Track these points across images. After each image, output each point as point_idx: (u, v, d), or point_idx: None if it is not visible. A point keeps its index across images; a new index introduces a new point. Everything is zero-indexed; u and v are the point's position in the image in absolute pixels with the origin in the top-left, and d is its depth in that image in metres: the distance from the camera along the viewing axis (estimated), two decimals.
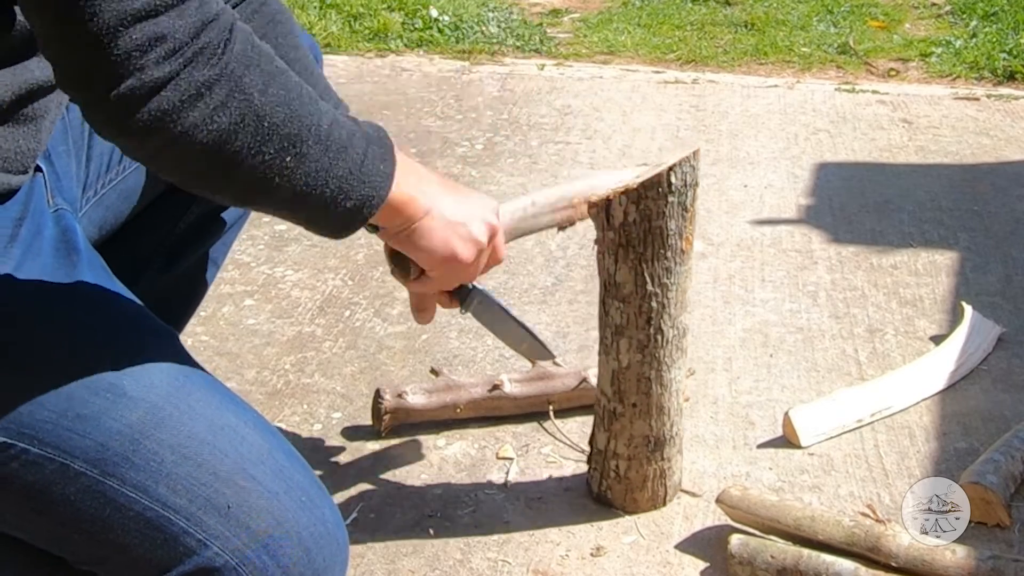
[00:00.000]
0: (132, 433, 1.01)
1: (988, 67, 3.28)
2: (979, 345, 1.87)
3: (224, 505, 1.01)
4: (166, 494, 1.00)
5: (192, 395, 1.07)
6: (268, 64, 0.98)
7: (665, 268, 1.40)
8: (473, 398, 1.70)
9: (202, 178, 1.00)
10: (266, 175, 1.00)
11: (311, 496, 1.06)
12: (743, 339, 1.95)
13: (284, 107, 0.98)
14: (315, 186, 1.03)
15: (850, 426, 1.69)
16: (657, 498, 1.52)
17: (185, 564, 1.01)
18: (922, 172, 2.60)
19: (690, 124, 2.92)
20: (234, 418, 1.07)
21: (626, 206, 1.37)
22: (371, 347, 1.94)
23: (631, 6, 4.03)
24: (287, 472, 1.06)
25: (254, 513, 1.02)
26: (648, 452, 1.49)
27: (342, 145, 1.04)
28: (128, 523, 1.00)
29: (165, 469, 1.01)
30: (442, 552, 1.47)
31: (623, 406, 1.46)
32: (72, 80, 0.93)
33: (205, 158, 0.97)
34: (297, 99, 1.00)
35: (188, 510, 1.00)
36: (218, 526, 1.00)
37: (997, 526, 1.48)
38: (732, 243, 2.29)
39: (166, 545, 1.00)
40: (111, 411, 1.02)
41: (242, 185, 1.01)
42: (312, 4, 3.89)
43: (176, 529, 1.00)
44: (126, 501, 1.00)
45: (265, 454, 1.06)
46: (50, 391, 1.02)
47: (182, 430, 1.03)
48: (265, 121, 0.97)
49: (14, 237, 1.10)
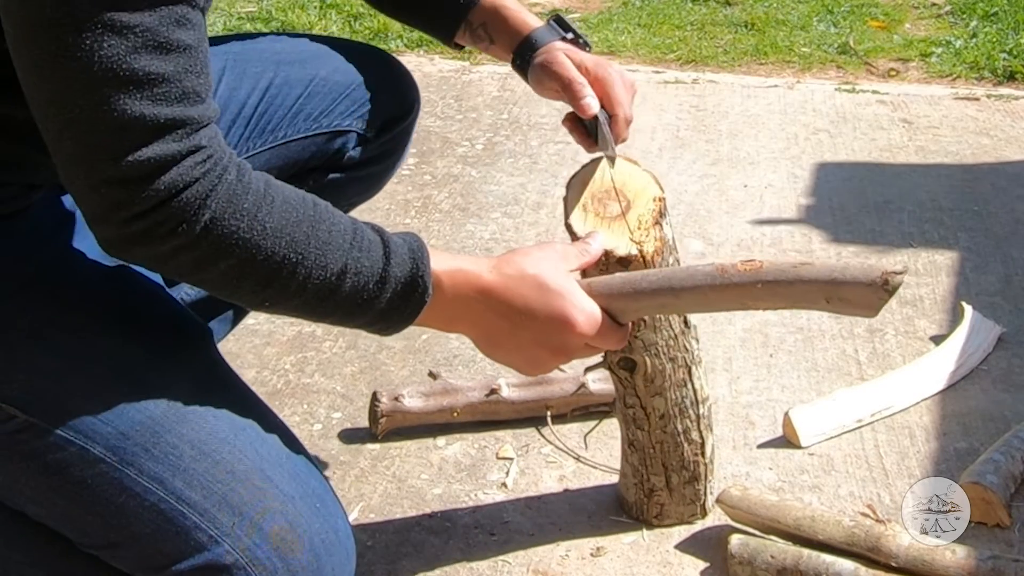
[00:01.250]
0: (153, 425, 1.02)
1: (988, 67, 3.28)
2: (979, 345, 1.87)
3: (239, 504, 1.02)
4: (182, 488, 1.01)
5: (216, 395, 1.07)
6: (257, 212, 0.97)
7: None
8: (470, 402, 1.70)
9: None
10: (259, 309, 1.05)
11: (325, 503, 1.07)
12: (743, 339, 1.95)
13: (267, 259, 0.98)
14: (308, 316, 1.05)
15: (850, 426, 1.69)
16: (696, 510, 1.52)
17: (195, 558, 1.01)
18: (922, 172, 2.60)
19: (690, 124, 2.91)
20: (256, 420, 1.08)
21: None
22: (371, 347, 1.94)
23: (631, 6, 4.03)
24: (303, 477, 1.07)
25: (268, 514, 1.02)
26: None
27: (339, 297, 1.02)
28: (142, 512, 1.01)
29: (183, 463, 1.02)
30: (442, 552, 1.47)
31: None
32: (78, 201, 0.96)
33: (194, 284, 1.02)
34: (290, 246, 0.98)
35: (202, 505, 1.01)
36: (231, 524, 1.01)
37: (997, 526, 1.48)
38: (732, 243, 2.29)
39: (178, 538, 1.01)
40: (136, 402, 1.03)
41: (236, 302, 1.06)
42: (312, 4, 3.89)
43: (189, 523, 1.01)
44: (142, 491, 1.01)
45: (284, 458, 1.07)
46: (80, 376, 1.03)
47: (203, 427, 1.03)
48: (241, 271, 0.97)
49: (62, 222, 1.12)
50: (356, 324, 1.05)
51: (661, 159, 2.67)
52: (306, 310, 1.02)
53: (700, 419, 1.45)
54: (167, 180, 0.91)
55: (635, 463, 1.46)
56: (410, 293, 1.04)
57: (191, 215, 0.92)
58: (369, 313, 1.03)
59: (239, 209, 0.95)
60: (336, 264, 1.00)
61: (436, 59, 3.51)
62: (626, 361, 1.37)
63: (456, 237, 2.33)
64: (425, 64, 3.44)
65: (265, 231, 0.96)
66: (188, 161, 0.92)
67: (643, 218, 1.30)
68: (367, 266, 1.02)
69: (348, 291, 1.01)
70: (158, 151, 0.90)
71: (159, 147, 0.90)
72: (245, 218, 0.95)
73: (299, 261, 0.98)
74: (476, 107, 3.07)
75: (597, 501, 1.56)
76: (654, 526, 1.50)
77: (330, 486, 1.10)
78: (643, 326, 1.34)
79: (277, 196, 0.98)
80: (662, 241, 1.30)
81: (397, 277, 1.03)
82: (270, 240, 0.96)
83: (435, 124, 2.97)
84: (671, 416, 1.42)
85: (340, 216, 1.02)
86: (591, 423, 1.71)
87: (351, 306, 1.02)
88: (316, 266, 0.99)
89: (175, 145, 0.91)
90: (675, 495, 1.48)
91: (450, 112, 3.06)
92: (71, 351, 1.04)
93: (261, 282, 0.97)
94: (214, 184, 0.93)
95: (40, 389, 1.02)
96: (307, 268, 0.98)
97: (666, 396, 1.40)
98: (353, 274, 1.01)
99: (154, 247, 0.94)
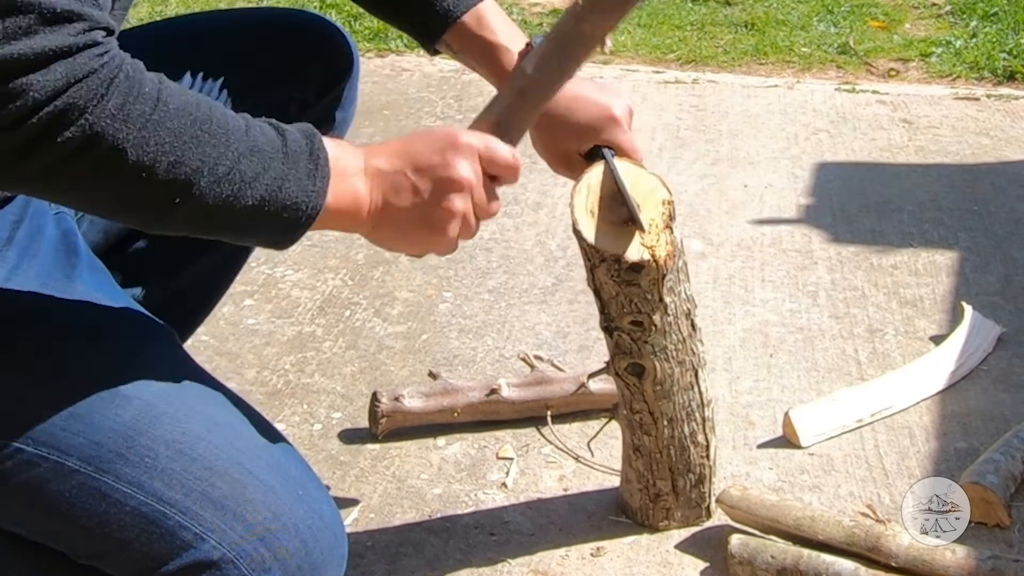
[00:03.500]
0: (126, 430, 1.01)
1: (988, 67, 3.28)
2: (979, 345, 1.87)
3: (220, 498, 1.01)
4: (161, 488, 1.01)
5: (187, 393, 1.07)
6: (155, 110, 0.92)
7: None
8: (471, 402, 1.70)
9: (103, 215, 1.00)
10: (158, 216, 0.97)
11: (308, 490, 1.07)
12: (743, 339, 1.95)
13: (168, 154, 0.93)
14: (220, 218, 0.98)
15: (850, 426, 1.69)
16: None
17: (183, 557, 1.01)
18: (922, 172, 2.60)
19: (690, 124, 2.91)
20: (229, 414, 1.07)
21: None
22: (371, 347, 1.94)
23: None
24: (283, 466, 1.07)
25: (250, 506, 1.02)
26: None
27: (249, 178, 0.98)
28: (124, 518, 1.01)
29: (160, 464, 1.01)
30: (442, 552, 1.47)
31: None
32: None
33: (90, 206, 0.97)
34: (190, 140, 0.94)
35: (183, 504, 1.01)
36: (214, 519, 1.01)
37: (997, 526, 1.48)
38: (732, 243, 2.29)
39: (163, 539, 1.01)
40: (105, 409, 1.02)
41: (137, 222, 0.99)
42: (312, 4, 3.89)
43: (172, 523, 1.00)
44: (121, 497, 1.00)
45: (261, 449, 1.06)
46: (45, 391, 1.02)
47: (176, 427, 1.03)
48: (144, 172, 0.92)
49: (10, 240, 1.10)
50: (269, 215, 1.00)
51: (661, 159, 2.67)
52: (217, 195, 0.97)
53: (705, 422, 1.45)
54: (62, 69, 0.87)
55: (640, 468, 1.46)
56: (311, 155, 1.02)
57: (92, 104, 0.88)
58: (276, 195, 0.99)
59: (141, 93, 0.91)
60: (237, 137, 0.97)
61: (436, 59, 3.51)
62: (634, 367, 1.37)
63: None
64: (425, 64, 3.44)
65: (168, 112, 0.93)
66: (86, 53, 0.88)
67: (654, 222, 1.30)
68: (266, 138, 1.00)
69: (249, 167, 0.98)
70: (53, 40, 0.86)
71: (54, 37, 0.87)
72: (148, 102, 0.92)
73: (203, 139, 0.95)
74: (476, 107, 3.06)
75: (597, 501, 1.56)
76: (659, 530, 1.50)
77: (311, 470, 1.09)
78: (653, 330, 1.34)
79: (171, 84, 0.96)
80: (673, 245, 1.30)
81: (296, 148, 1.01)
82: (176, 120, 0.93)
83: (435, 124, 2.97)
84: (678, 420, 1.42)
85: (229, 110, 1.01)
86: (591, 423, 1.71)
87: (257, 181, 0.98)
88: (219, 143, 0.96)
89: (71, 38, 0.87)
90: (681, 499, 1.48)
91: (450, 112, 3.06)
92: (33, 367, 1.03)
93: (171, 170, 0.93)
94: (114, 73, 0.90)
95: (7, 409, 1.01)
96: (212, 145, 0.95)
97: (674, 400, 1.40)
98: (253, 150, 0.98)
99: (50, 152, 0.88)
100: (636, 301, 1.32)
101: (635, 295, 1.31)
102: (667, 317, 1.34)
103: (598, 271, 1.31)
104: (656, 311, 1.33)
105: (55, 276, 1.10)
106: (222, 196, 0.96)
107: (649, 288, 1.30)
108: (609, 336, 1.37)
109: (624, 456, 1.49)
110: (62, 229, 1.15)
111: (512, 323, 2.01)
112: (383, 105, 3.12)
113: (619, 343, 1.37)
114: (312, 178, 1.02)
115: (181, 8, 3.95)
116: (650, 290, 1.31)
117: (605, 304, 1.35)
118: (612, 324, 1.36)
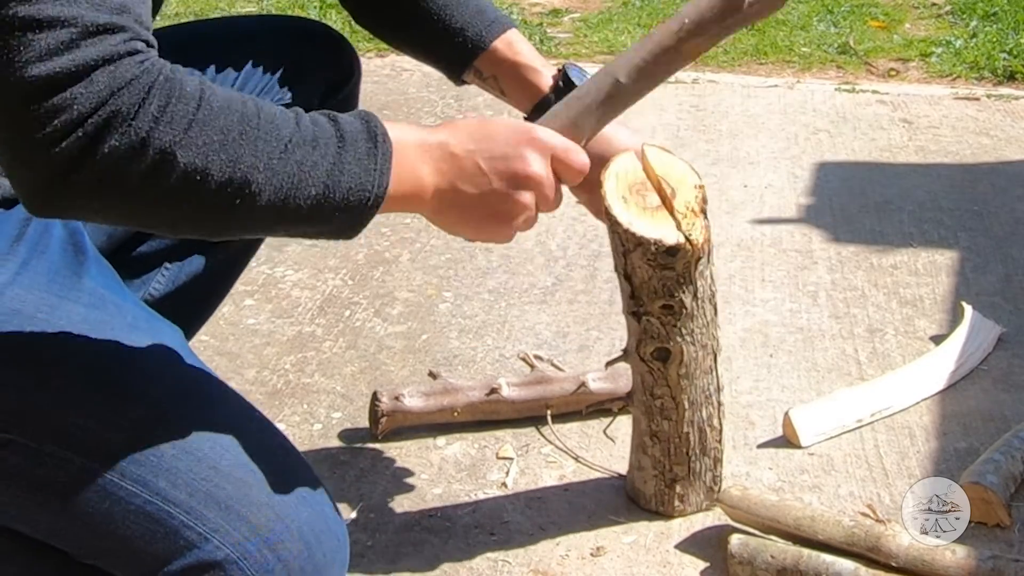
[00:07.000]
0: (133, 429, 1.02)
1: (988, 67, 3.28)
2: (979, 345, 1.87)
3: (224, 499, 1.01)
4: (166, 488, 1.01)
5: (194, 392, 1.07)
6: (199, 109, 0.91)
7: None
8: (471, 401, 1.69)
9: (166, 229, 0.99)
10: (221, 221, 0.96)
11: (312, 492, 1.07)
12: (743, 339, 1.95)
13: (219, 152, 0.92)
14: (284, 214, 0.97)
15: (850, 426, 1.69)
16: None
17: (186, 557, 1.01)
18: (922, 172, 2.60)
19: (690, 124, 2.92)
20: (235, 416, 1.08)
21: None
22: (371, 347, 1.94)
23: (631, 6, 4.03)
24: (288, 468, 1.07)
25: (254, 507, 1.02)
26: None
27: (307, 167, 0.96)
28: (129, 516, 1.01)
29: (165, 463, 1.01)
30: (442, 552, 1.47)
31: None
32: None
33: (152, 219, 0.95)
34: (240, 137, 0.93)
35: (188, 504, 1.01)
36: (218, 520, 1.01)
37: (997, 526, 1.48)
38: (732, 243, 2.29)
39: (167, 538, 1.01)
40: (113, 407, 1.02)
41: (202, 231, 0.98)
42: (312, 4, 3.89)
43: (176, 523, 1.01)
44: (126, 495, 1.01)
45: (266, 451, 1.07)
46: (52, 387, 1.03)
47: (183, 426, 1.03)
48: (198, 175, 0.91)
49: (20, 236, 1.11)
50: (333, 203, 0.99)
51: None
52: (276, 189, 0.95)
53: (720, 406, 1.48)
54: (104, 79, 0.86)
55: (656, 454, 1.47)
56: (370, 139, 1.01)
57: (135, 109, 0.87)
58: (339, 180, 0.98)
59: (183, 94, 0.90)
60: (288, 129, 0.96)
61: None
62: (661, 351, 1.39)
63: (456, 237, 2.33)
64: (425, 64, 3.44)
65: (213, 111, 0.91)
66: (127, 61, 0.88)
67: (689, 205, 1.33)
68: (318, 126, 0.98)
69: (306, 155, 0.96)
70: (95, 51, 0.86)
71: (96, 48, 0.86)
72: (191, 102, 0.90)
73: (254, 135, 0.93)
74: (476, 107, 3.06)
75: (597, 501, 1.56)
76: (673, 517, 1.50)
77: (314, 472, 1.10)
78: (684, 314, 1.37)
79: (213, 85, 0.95)
80: (707, 229, 1.33)
81: (352, 131, 1.00)
82: (222, 117, 0.92)
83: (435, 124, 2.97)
84: (698, 404, 1.44)
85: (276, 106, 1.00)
86: (591, 423, 1.71)
87: (316, 169, 0.97)
88: (271, 137, 0.94)
89: (112, 48, 0.87)
90: (696, 482, 1.50)
91: (450, 112, 3.06)
92: (41, 364, 1.03)
93: (225, 169, 0.92)
94: (154, 77, 0.89)
95: (13, 403, 1.01)
96: (264, 140, 0.94)
97: (695, 384, 1.43)
98: (307, 140, 0.97)
99: (97, 166, 0.87)
100: (669, 285, 1.35)
101: (669, 279, 1.34)
102: (696, 300, 1.37)
103: (632, 256, 1.33)
104: (688, 294, 1.36)
105: (64, 273, 1.11)
106: (282, 189, 0.95)
107: (683, 271, 1.34)
108: (636, 321, 1.39)
109: (636, 444, 1.50)
110: (69, 228, 1.16)
111: (512, 323, 2.01)
112: (383, 105, 3.12)
113: (647, 328, 1.39)
114: (372, 157, 1.01)
115: (181, 9, 3.95)
116: (684, 273, 1.34)
117: (636, 289, 1.37)
118: (642, 309, 1.38)
